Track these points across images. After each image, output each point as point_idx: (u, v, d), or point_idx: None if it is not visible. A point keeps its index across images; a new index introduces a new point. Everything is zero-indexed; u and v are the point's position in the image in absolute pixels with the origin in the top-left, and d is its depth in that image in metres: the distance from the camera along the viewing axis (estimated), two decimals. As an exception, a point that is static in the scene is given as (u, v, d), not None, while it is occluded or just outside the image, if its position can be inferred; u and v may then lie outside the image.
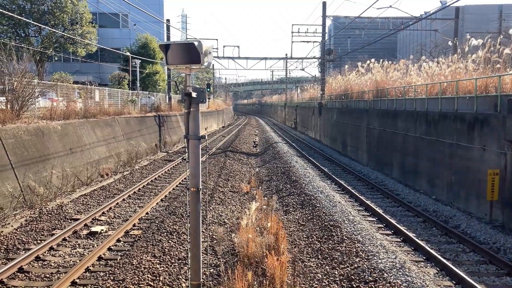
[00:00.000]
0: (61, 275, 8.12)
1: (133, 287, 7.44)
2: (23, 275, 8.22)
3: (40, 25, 28.60)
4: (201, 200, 5.00)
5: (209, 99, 55.67)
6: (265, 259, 7.85)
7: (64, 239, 10.20)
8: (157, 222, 11.32)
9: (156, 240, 9.74)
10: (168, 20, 39.25)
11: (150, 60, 37.94)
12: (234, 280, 6.88)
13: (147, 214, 12.64)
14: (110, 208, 13.17)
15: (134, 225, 11.48)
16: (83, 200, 14.07)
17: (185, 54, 4.63)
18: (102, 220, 12.00)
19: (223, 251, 9.13)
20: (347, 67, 36.97)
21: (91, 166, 17.76)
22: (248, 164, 22.94)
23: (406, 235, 10.82)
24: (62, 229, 10.94)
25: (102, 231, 10.87)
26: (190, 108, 4.82)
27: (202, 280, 5.12)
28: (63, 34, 30.63)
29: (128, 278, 7.75)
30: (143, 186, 16.54)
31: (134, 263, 8.39)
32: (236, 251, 8.86)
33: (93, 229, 10.86)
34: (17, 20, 27.99)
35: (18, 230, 10.77)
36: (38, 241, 10.11)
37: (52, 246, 9.63)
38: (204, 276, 7.70)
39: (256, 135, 42.70)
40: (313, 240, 10.13)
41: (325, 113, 36.93)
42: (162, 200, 14.42)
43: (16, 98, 15.54)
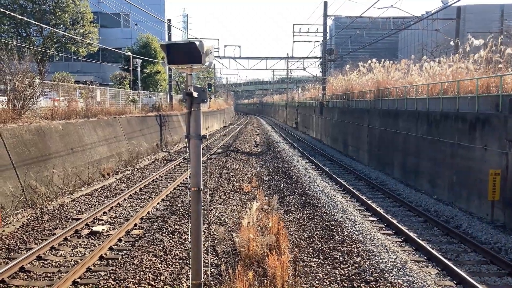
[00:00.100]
0: (62, 274, 8.13)
1: (134, 286, 7.45)
2: (25, 274, 8.23)
3: (41, 24, 28.64)
4: (202, 199, 5.00)
5: (210, 98, 55.62)
6: (266, 259, 7.85)
7: (66, 239, 10.22)
8: (158, 222, 11.33)
9: (157, 240, 9.75)
10: (169, 20, 39.25)
11: (151, 59, 37.96)
12: (235, 280, 6.88)
13: (148, 213, 12.65)
14: (111, 208, 13.18)
15: (135, 224, 11.49)
16: (84, 200, 14.09)
17: (186, 54, 4.62)
18: (103, 220, 12.02)
19: (224, 251, 9.14)
20: (348, 67, 36.91)
21: (92, 165, 17.78)
22: (249, 164, 22.94)
23: (407, 235, 10.81)
24: (63, 228, 10.96)
25: (103, 231, 10.88)
26: (191, 108, 4.82)
27: (203, 279, 5.12)
28: (64, 33, 30.67)
29: (129, 277, 7.76)
30: (144, 186, 16.56)
31: (135, 263, 8.39)
32: (237, 251, 8.86)
33: (94, 228, 10.88)
34: (18, 19, 28.03)
35: (20, 230, 10.79)
36: (40, 240, 10.12)
37: (53, 245, 9.64)
38: (205, 275, 7.70)
39: (257, 134, 42.70)
40: (314, 240, 10.13)
41: (326, 113, 36.91)
42: (163, 199, 14.43)
43: (17, 98, 15.57)
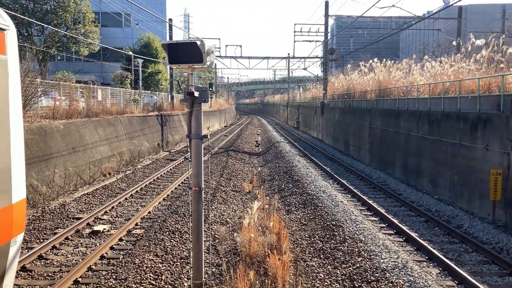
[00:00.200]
0: (63, 274, 8.14)
1: (135, 286, 7.45)
2: (26, 273, 8.24)
3: (43, 24, 28.66)
4: (203, 199, 5.00)
5: (211, 98, 55.66)
6: (267, 259, 7.85)
7: (67, 238, 10.23)
8: (159, 221, 11.33)
9: (158, 239, 9.75)
10: (170, 20, 39.26)
11: (152, 59, 37.98)
12: (236, 280, 6.88)
13: (149, 213, 12.66)
14: (113, 207, 13.20)
15: (136, 224, 11.50)
16: (85, 199, 14.10)
17: (187, 53, 4.62)
18: (104, 219, 12.03)
19: (225, 250, 9.14)
20: (349, 66, 36.88)
21: (93, 165, 17.80)
22: (250, 164, 22.94)
23: (409, 235, 10.80)
24: (64, 228, 10.97)
25: (105, 230, 10.89)
26: (192, 108, 4.82)
27: (204, 279, 5.12)
28: (65, 33, 30.68)
29: (130, 277, 7.76)
30: (146, 185, 16.57)
31: (136, 262, 8.40)
32: (238, 251, 8.86)
33: (95, 228, 10.88)
34: (20, 19, 28.03)
35: (21, 229, 10.80)
36: (41, 240, 10.14)
37: (54, 245, 9.65)
38: (206, 275, 7.70)
39: (258, 134, 42.69)
40: (315, 239, 10.12)
41: (327, 112, 36.89)
42: (164, 199, 14.43)
43: (19, 97, 15.55)
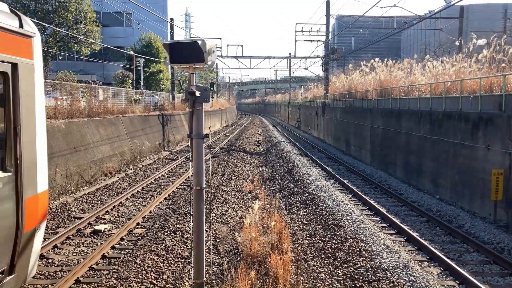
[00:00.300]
0: (65, 273, 8.15)
1: (136, 285, 7.46)
2: (27, 273, 8.25)
3: (44, 24, 28.69)
4: (204, 199, 5.00)
5: (212, 98, 55.66)
6: (268, 258, 7.85)
7: (68, 238, 10.24)
8: (160, 221, 11.34)
9: (160, 239, 9.76)
10: (171, 19, 39.27)
11: (153, 59, 38.00)
12: (237, 279, 6.89)
13: (150, 212, 12.67)
14: (114, 207, 13.21)
15: (137, 223, 11.51)
16: (86, 199, 14.12)
17: (188, 53, 4.62)
18: (105, 219, 12.04)
19: (226, 250, 9.15)
20: (351, 66, 36.84)
21: (94, 164, 17.81)
22: (251, 163, 22.94)
23: (410, 235, 10.79)
24: (66, 227, 10.98)
25: (106, 230, 10.90)
26: (193, 107, 4.82)
27: (205, 278, 5.13)
28: (67, 33, 30.72)
29: (131, 276, 7.77)
30: (147, 185, 16.58)
31: (138, 262, 8.41)
32: (239, 250, 8.87)
33: (96, 227, 10.89)
34: (21, 19, 28.03)
35: (22, 228, 10.81)
36: (42, 239, 10.13)
37: (56, 244, 9.67)
38: (207, 274, 7.70)
39: (260, 134, 42.69)
40: (316, 239, 10.12)
41: (328, 112, 36.87)
42: (165, 199, 14.45)
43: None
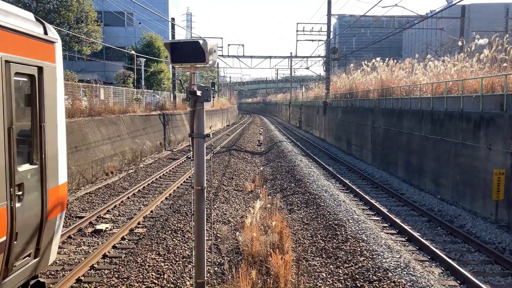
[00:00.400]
0: (66, 272, 8.16)
1: (137, 285, 7.47)
2: (29, 272, 8.27)
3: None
4: (205, 198, 5.00)
5: (213, 97, 55.71)
6: (269, 258, 7.85)
7: (69, 237, 10.25)
8: (161, 220, 11.35)
9: (161, 238, 9.76)
10: (173, 19, 39.32)
11: (155, 58, 38.00)
12: (238, 279, 6.89)
13: (151, 212, 12.68)
14: (115, 206, 13.22)
15: (138, 223, 11.52)
16: (88, 198, 14.13)
17: (190, 52, 4.61)
18: (106, 218, 12.05)
19: (227, 250, 9.15)
20: (352, 65, 36.82)
21: (96, 164, 17.82)
22: (252, 163, 22.94)
23: (411, 235, 10.78)
24: (67, 227, 10.99)
25: (107, 229, 10.91)
26: (195, 107, 4.81)
27: (206, 278, 5.12)
28: (68, 32, 30.72)
29: (132, 276, 7.78)
30: (148, 185, 16.59)
31: (139, 261, 8.42)
32: (241, 250, 8.87)
33: (98, 227, 10.90)
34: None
35: (24, 228, 10.83)
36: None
37: (57, 243, 9.67)
38: (209, 274, 7.70)
39: (261, 133, 42.68)
40: (317, 239, 10.12)
41: (330, 112, 36.85)
42: (166, 198, 14.45)
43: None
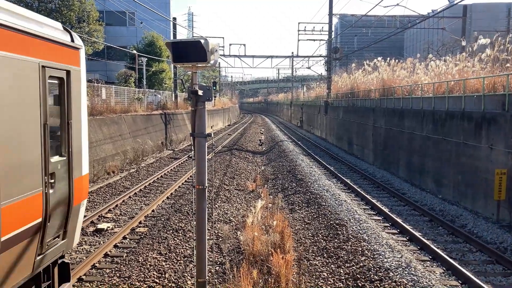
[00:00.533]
0: (67, 271, 8.17)
1: (139, 284, 7.48)
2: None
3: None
4: (206, 198, 5.01)
5: (215, 97, 55.71)
6: (270, 257, 7.85)
7: (71, 236, 10.26)
8: (163, 220, 11.36)
9: (162, 238, 9.78)
10: (174, 19, 39.28)
11: (156, 58, 38.00)
12: (240, 278, 6.89)
13: (153, 211, 12.69)
14: (116, 206, 13.23)
15: (140, 222, 11.53)
16: (89, 197, 14.14)
17: (191, 52, 4.62)
18: (108, 217, 12.07)
19: (228, 249, 9.16)
20: (353, 65, 36.82)
21: (97, 163, 17.85)
22: (253, 163, 22.95)
23: (412, 234, 10.77)
24: (68, 226, 11.01)
25: (108, 228, 10.92)
26: (196, 106, 4.82)
27: (207, 277, 5.13)
28: (70, 32, 30.72)
29: (134, 275, 7.79)
30: (149, 184, 16.60)
31: (140, 260, 8.43)
32: (242, 249, 8.87)
33: (99, 226, 10.92)
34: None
35: (26, 227, 10.84)
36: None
37: (59, 242, 9.69)
38: (210, 273, 7.71)
39: (262, 133, 42.67)
40: (318, 238, 10.12)
41: (331, 111, 36.83)
42: (168, 197, 14.47)
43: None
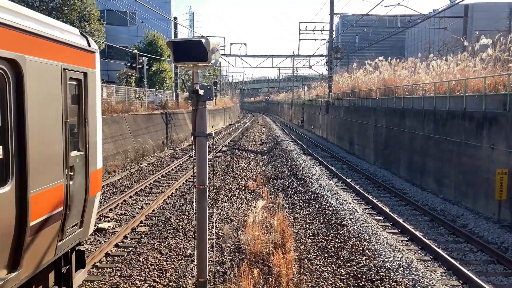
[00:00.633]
0: (68, 271, 8.18)
1: (139, 283, 7.48)
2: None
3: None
4: (207, 197, 5.01)
5: (216, 97, 55.68)
6: (271, 257, 7.86)
7: (72, 235, 10.27)
8: (163, 219, 11.36)
9: (163, 237, 9.78)
10: (175, 18, 39.29)
11: (157, 57, 38.01)
12: (240, 278, 6.89)
13: (153, 211, 12.70)
14: (117, 205, 13.24)
15: (141, 222, 11.53)
16: (90, 197, 14.14)
17: (192, 51, 4.62)
18: (109, 217, 12.08)
19: (229, 248, 9.16)
20: (354, 65, 36.77)
21: (98, 163, 17.84)
22: (254, 162, 22.95)
23: (413, 234, 10.77)
24: (69, 225, 11.02)
25: (109, 228, 10.93)
26: (197, 106, 4.82)
27: (208, 277, 5.13)
28: (71, 31, 30.75)
29: (135, 274, 7.80)
30: (150, 183, 16.61)
31: (141, 260, 8.43)
32: (243, 249, 8.87)
33: (100, 225, 10.92)
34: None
35: (27, 226, 10.85)
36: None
37: (59, 242, 9.70)
38: (210, 273, 7.72)
39: (263, 133, 42.67)
40: (319, 238, 10.12)
41: (332, 111, 36.82)
42: (168, 197, 14.47)
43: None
